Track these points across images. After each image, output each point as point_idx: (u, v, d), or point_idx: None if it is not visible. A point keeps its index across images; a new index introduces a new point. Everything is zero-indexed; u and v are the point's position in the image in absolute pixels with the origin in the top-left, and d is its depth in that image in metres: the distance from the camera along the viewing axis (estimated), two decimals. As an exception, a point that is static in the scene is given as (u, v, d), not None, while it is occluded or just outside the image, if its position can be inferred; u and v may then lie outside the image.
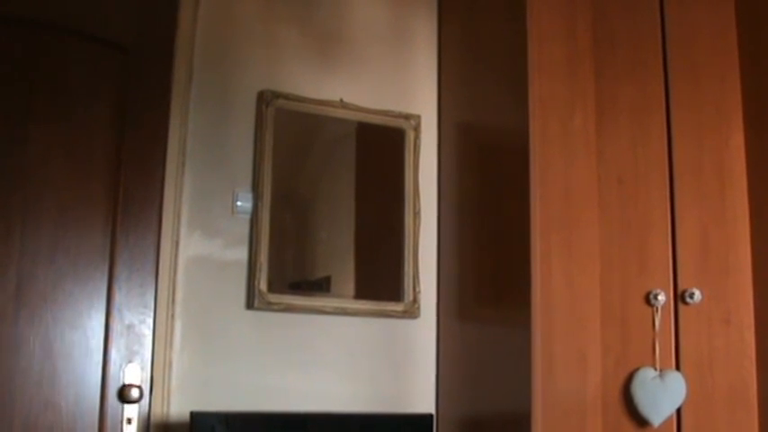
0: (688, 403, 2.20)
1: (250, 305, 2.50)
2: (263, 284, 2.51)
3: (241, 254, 2.53)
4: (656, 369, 2.21)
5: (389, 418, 2.52)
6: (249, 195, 2.55)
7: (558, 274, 2.25)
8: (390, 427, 2.47)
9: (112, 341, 2.30)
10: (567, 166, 2.32)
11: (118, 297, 2.33)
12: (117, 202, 2.37)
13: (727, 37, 2.40)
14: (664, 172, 2.34)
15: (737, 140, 2.35)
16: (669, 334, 2.25)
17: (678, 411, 2.21)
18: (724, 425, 2.21)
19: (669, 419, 2.20)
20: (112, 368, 2.29)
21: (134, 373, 2.31)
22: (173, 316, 2.41)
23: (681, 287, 2.27)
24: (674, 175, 2.33)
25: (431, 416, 2.52)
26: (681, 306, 2.26)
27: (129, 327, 2.33)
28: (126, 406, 2.29)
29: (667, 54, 2.40)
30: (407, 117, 2.81)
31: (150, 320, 2.36)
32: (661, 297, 2.25)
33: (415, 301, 2.71)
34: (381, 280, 2.72)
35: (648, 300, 2.26)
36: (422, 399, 2.68)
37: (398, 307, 2.69)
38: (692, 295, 2.25)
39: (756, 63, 2.36)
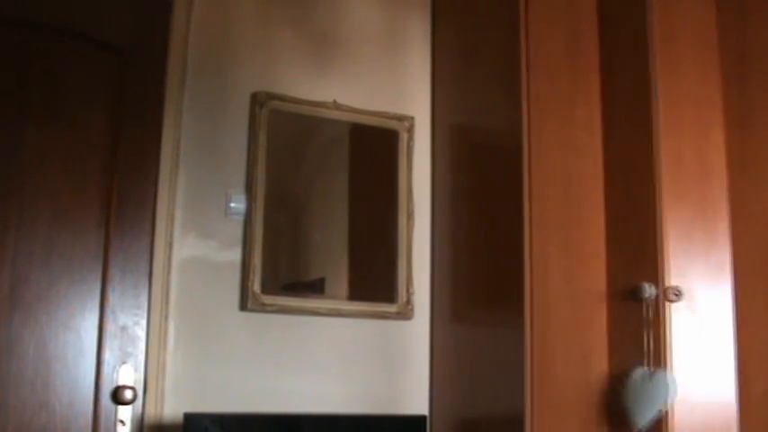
0: (676, 402, 2.20)
1: (244, 306, 2.50)
2: (256, 286, 2.51)
3: (235, 255, 2.53)
4: (646, 368, 2.21)
5: (383, 419, 2.52)
6: (243, 197, 2.56)
7: (553, 274, 2.26)
8: (384, 428, 2.47)
9: (106, 342, 2.31)
10: (561, 166, 2.32)
11: (111, 299, 2.33)
12: (111, 203, 2.37)
13: (708, 32, 2.38)
14: (649, 169, 2.32)
15: (718, 136, 2.33)
16: (658, 332, 2.25)
17: (667, 411, 2.21)
18: (711, 424, 2.21)
19: (658, 419, 2.20)
20: (106, 369, 2.30)
21: (128, 375, 2.32)
22: (166, 317, 2.42)
23: (666, 284, 2.26)
24: (659, 172, 2.32)
25: (424, 417, 2.53)
26: (668, 305, 2.26)
27: (123, 328, 2.34)
28: (119, 407, 2.29)
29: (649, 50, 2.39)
30: (401, 118, 2.82)
31: (144, 322, 2.36)
32: (650, 295, 2.24)
33: (409, 302, 2.71)
34: (375, 281, 2.73)
35: (638, 298, 2.25)
36: (415, 400, 2.68)
37: (392, 308, 2.69)
38: (677, 293, 2.24)
39: (738, 58, 2.35)
